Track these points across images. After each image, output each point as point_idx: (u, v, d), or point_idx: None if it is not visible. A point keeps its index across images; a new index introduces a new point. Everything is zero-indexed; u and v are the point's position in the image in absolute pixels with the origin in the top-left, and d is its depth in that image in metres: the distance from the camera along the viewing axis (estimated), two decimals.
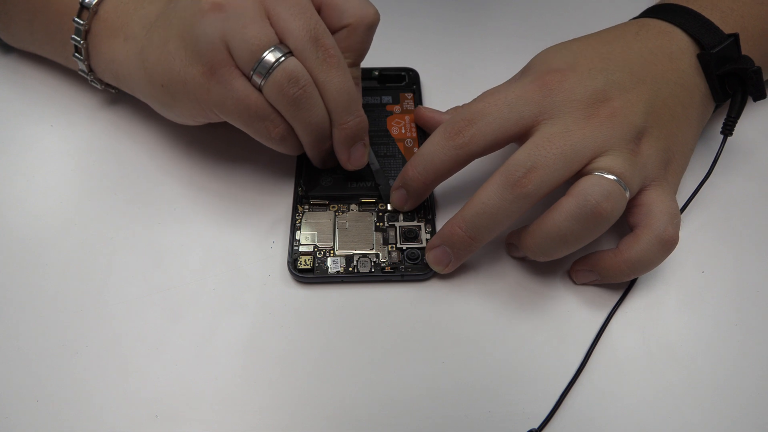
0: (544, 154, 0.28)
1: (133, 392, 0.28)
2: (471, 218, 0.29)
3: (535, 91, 0.30)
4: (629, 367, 0.29)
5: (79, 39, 0.34)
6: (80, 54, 0.35)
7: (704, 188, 0.34)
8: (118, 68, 0.34)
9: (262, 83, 0.29)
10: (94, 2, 0.33)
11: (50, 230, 0.33)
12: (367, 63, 0.41)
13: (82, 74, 0.36)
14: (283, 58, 0.28)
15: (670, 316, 0.31)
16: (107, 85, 0.37)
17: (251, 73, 0.29)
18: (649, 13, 0.36)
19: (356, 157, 0.33)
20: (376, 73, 0.40)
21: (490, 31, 0.45)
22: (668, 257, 0.30)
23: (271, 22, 0.29)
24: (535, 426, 0.27)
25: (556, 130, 0.29)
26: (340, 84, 0.30)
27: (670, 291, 0.32)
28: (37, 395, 0.28)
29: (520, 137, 0.30)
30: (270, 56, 0.28)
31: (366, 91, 0.39)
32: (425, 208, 0.34)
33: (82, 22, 0.33)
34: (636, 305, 0.31)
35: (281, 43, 0.29)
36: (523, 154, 0.29)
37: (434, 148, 0.31)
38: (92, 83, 0.37)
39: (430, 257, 0.31)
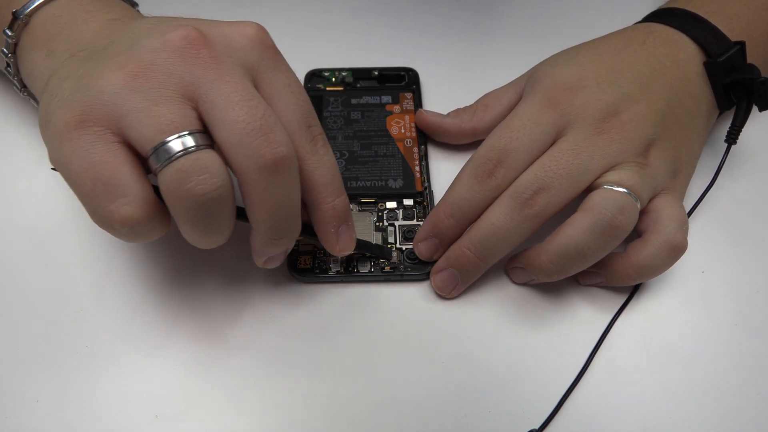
0: (551, 174, 0.28)
1: (133, 392, 0.28)
2: (479, 240, 0.29)
3: (548, 113, 0.30)
4: (629, 367, 0.29)
5: (6, 52, 0.31)
6: (11, 68, 0.31)
7: (706, 194, 0.34)
8: (33, 83, 0.30)
9: (158, 170, 0.23)
10: (25, 12, 0.30)
11: (50, 230, 0.33)
12: (366, 63, 0.41)
13: (17, 91, 0.33)
14: (193, 148, 0.23)
15: (670, 316, 0.31)
16: None
17: (149, 154, 0.23)
18: (655, 17, 0.35)
19: (345, 241, 0.29)
20: (376, 72, 0.40)
21: (491, 31, 0.44)
22: None
23: (200, 110, 0.24)
24: (536, 426, 0.27)
25: (566, 148, 0.29)
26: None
27: (671, 291, 0.32)
28: (37, 395, 0.28)
29: None
30: (177, 142, 0.22)
31: (366, 91, 0.39)
32: (425, 209, 0.34)
33: (10, 33, 0.30)
34: (636, 305, 0.31)
35: (202, 133, 0.23)
36: (531, 174, 0.29)
37: (467, 194, 0.30)
38: (30, 101, 0.33)
39: (436, 281, 0.31)
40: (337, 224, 0.28)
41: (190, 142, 0.23)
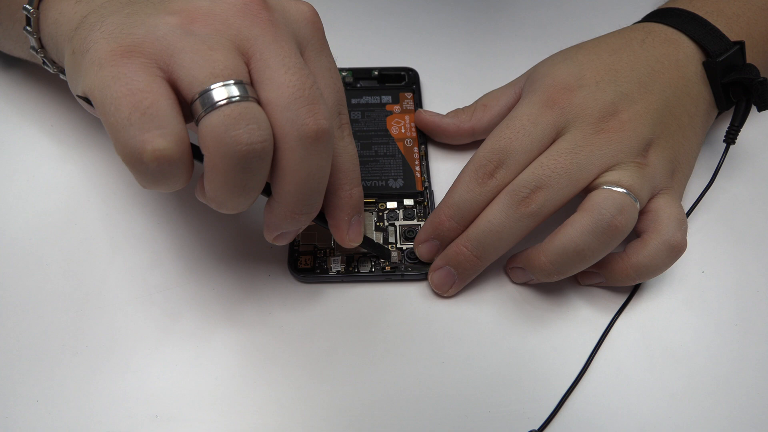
0: (549, 173, 0.28)
1: (133, 392, 0.28)
2: (476, 237, 0.29)
3: (547, 113, 0.30)
4: (629, 367, 0.29)
5: (30, 8, 0.29)
6: (30, 26, 0.30)
7: (705, 193, 0.34)
8: (56, 30, 0.28)
9: (203, 114, 0.22)
10: None
11: (50, 230, 0.33)
12: (366, 62, 0.41)
13: (33, 52, 0.31)
14: (243, 96, 0.22)
15: (670, 316, 0.31)
16: (59, 68, 0.31)
17: (195, 96, 0.22)
18: (654, 17, 0.35)
19: (355, 231, 0.29)
20: (376, 72, 0.40)
21: (491, 32, 0.45)
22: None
23: (250, 65, 0.24)
24: (536, 427, 0.27)
25: (564, 147, 0.29)
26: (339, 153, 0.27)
27: (671, 291, 0.32)
28: (37, 395, 0.28)
29: None
30: (226, 89, 0.22)
31: (366, 91, 0.39)
32: (425, 209, 0.34)
33: None
34: (636, 305, 0.31)
35: (251, 87, 0.23)
36: (529, 172, 0.29)
37: (468, 195, 0.30)
38: (45, 66, 0.32)
39: (433, 279, 0.31)
40: (351, 213, 0.28)
41: (240, 90, 0.22)
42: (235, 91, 0.22)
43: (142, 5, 0.25)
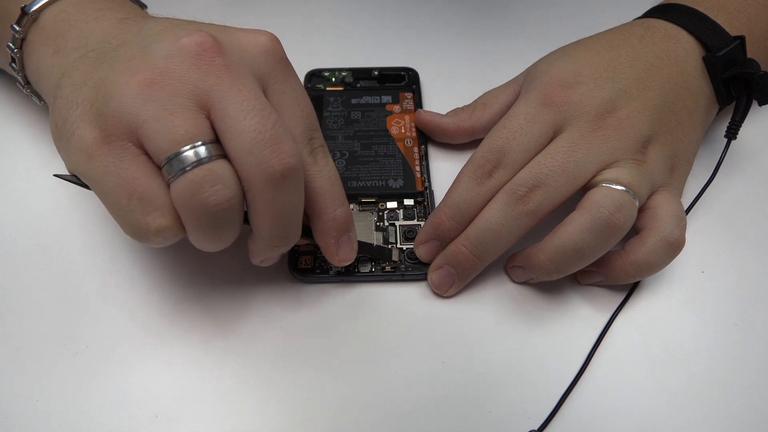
0: (546, 172, 0.28)
1: (133, 392, 0.28)
2: (475, 236, 0.29)
3: (545, 111, 0.30)
4: (629, 367, 0.29)
5: (13, 47, 0.30)
6: (15, 64, 0.31)
7: (705, 189, 0.34)
8: (39, 81, 0.30)
9: (171, 180, 0.23)
10: (35, 8, 0.29)
11: (50, 230, 0.33)
12: (366, 62, 0.41)
13: (20, 87, 0.32)
14: (206, 159, 0.23)
15: (670, 316, 0.31)
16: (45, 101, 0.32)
17: (162, 164, 0.23)
18: (654, 13, 0.35)
19: (345, 251, 0.29)
20: (376, 72, 0.40)
21: (491, 31, 0.45)
22: None
23: (212, 118, 0.24)
24: (536, 427, 0.27)
25: (562, 145, 0.29)
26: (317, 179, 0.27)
27: (671, 291, 0.32)
28: (37, 395, 0.28)
29: None
30: (191, 153, 0.23)
31: (366, 91, 0.39)
32: (425, 209, 0.34)
33: (18, 29, 0.29)
34: (636, 305, 0.31)
35: (214, 143, 0.24)
36: (527, 171, 0.29)
37: (467, 195, 0.30)
38: (32, 98, 0.33)
39: (432, 279, 0.31)
40: (337, 235, 0.28)
41: (203, 152, 0.23)
42: (197, 154, 0.23)
43: (107, 68, 0.25)
